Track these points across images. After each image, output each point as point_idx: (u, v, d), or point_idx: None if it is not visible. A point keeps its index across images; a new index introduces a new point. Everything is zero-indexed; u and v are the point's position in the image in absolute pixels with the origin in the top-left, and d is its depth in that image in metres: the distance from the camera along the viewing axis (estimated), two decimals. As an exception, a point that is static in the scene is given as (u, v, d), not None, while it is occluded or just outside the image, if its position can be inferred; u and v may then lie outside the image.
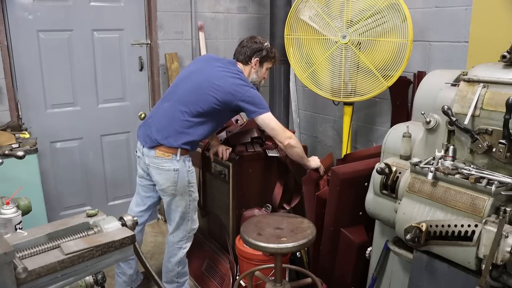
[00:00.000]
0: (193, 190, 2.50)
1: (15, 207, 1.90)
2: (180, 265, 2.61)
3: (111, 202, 3.75)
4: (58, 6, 3.21)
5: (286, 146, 2.46)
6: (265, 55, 2.57)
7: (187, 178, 2.44)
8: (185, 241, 2.58)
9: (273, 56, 2.63)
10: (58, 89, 3.32)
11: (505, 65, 1.66)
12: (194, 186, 2.51)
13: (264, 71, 2.62)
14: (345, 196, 2.34)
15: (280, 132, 2.44)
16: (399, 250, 1.92)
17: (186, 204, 2.49)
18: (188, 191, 2.46)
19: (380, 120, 3.36)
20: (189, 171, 2.45)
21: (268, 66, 2.63)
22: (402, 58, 2.66)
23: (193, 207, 2.53)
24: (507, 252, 1.41)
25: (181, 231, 2.55)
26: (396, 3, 2.64)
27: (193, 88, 2.41)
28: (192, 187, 2.49)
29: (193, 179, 2.50)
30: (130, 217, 1.31)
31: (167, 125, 2.40)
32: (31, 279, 1.04)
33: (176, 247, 2.58)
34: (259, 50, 2.56)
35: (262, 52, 2.56)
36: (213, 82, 2.37)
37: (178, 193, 2.45)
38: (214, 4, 3.81)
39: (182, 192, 2.45)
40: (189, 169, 2.45)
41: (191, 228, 2.57)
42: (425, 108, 1.90)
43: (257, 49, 2.56)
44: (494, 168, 1.63)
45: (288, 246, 2.00)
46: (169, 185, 2.42)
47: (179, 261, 2.59)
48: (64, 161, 3.44)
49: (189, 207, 2.51)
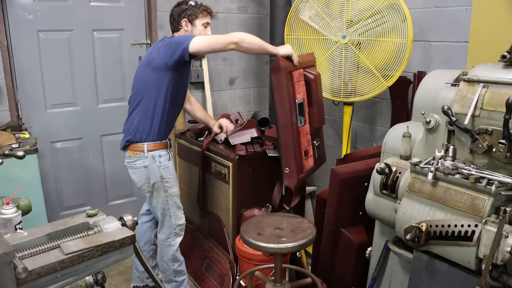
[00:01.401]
0: (168, 185, 2.47)
1: (15, 207, 1.90)
2: (174, 263, 2.60)
3: (111, 202, 3.75)
4: (58, 6, 3.21)
5: (238, 44, 2.24)
6: (191, 12, 2.46)
7: (160, 174, 2.43)
8: (173, 237, 2.56)
9: (202, 9, 2.48)
10: (58, 89, 3.32)
11: (505, 65, 1.66)
12: (170, 181, 2.47)
13: (201, 28, 2.48)
14: (345, 196, 2.34)
15: (220, 40, 2.26)
16: (399, 250, 1.92)
17: (163, 200, 2.49)
18: (162, 186, 2.46)
19: (380, 120, 3.36)
20: (160, 167, 2.43)
21: (203, 22, 2.48)
22: (402, 58, 2.66)
23: (172, 202, 2.50)
24: (507, 252, 1.41)
25: (166, 228, 2.55)
26: (396, 3, 2.64)
27: (134, 80, 2.47)
28: (168, 182, 2.46)
29: (168, 175, 2.46)
30: (130, 217, 1.31)
31: (128, 124, 2.47)
32: (31, 279, 1.04)
33: (165, 245, 2.58)
34: (183, 11, 2.46)
35: (187, 11, 2.46)
36: (142, 62, 2.44)
37: (154, 189, 2.47)
38: (214, 4, 3.81)
39: (157, 188, 2.46)
40: (161, 164, 2.43)
41: (176, 224, 2.54)
42: (425, 108, 1.90)
43: (181, 10, 2.47)
44: (494, 168, 1.63)
45: (288, 246, 2.00)
46: (143, 183, 2.46)
47: (172, 258, 2.59)
48: (64, 161, 3.44)
49: (168, 203, 2.50)
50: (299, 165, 2.46)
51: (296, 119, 2.41)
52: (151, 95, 2.38)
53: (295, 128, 2.41)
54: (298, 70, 2.47)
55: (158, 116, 2.39)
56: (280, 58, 2.37)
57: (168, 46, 2.29)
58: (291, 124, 2.39)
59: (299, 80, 2.48)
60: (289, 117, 2.39)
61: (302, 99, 2.47)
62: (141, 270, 2.75)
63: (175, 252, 2.59)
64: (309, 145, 2.58)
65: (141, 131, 2.40)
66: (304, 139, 2.51)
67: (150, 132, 2.40)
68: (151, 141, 2.41)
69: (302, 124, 2.48)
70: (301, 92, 2.48)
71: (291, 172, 2.44)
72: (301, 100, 2.47)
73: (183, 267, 2.66)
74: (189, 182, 3.16)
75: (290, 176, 2.45)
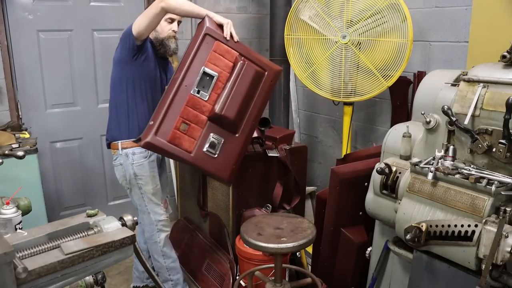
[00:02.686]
0: (142, 183, 2.47)
1: (15, 207, 1.90)
2: (165, 259, 2.60)
3: (111, 202, 3.75)
4: (58, 6, 3.22)
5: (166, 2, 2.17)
6: None
7: (133, 171, 2.44)
8: (157, 234, 2.56)
9: None
10: (58, 89, 3.32)
11: (505, 65, 1.66)
12: (144, 179, 2.47)
13: (164, 24, 2.39)
14: (345, 196, 2.34)
15: (151, 7, 2.22)
16: (399, 250, 1.92)
17: (138, 197, 2.51)
18: (136, 184, 2.47)
19: (380, 120, 3.36)
20: (133, 164, 2.44)
21: (166, 17, 2.38)
22: (402, 58, 2.66)
23: (148, 200, 2.50)
24: (507, 252, 1.41)
25: (148, 226, 2.55)
26: (396, 3, 2.64)
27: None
28: (141, 180, 2.47)
29: (142, 172, 2.45)
30: (130, 217, 1.32)
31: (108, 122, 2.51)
32: (31, 279, 1.05)
33: (151, 242, 2.59)
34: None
35: None
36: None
37: (130, 186, 2.50)
38: (214, 4, 3.81)
39: (133, 186, 2.49)
40: (134, 162, 2.43)
41: (156, 220, 2.53)
42: (425, 108, 1.90)
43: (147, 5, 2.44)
44: (494, 168, 1.63)
45: (288, 246, 2.00)
46: (122, 180, 2.52)
47: (162, 254, 2.59)
48: (64, 161, 3.44)
49: (143, 200, 2.50)
50: (164, 126, 2.20)
51: (192, 83, 2.24)
52: (115, 93, 2.42)
53: (184, 89, 2.23)
54: (227, 47, 2.32)
55: (125, 112, 2.41)
56: (210, 20, 2.30)
57: (121, 39, 2.33)
58: (180, 81, 2.24)
59: (223, 56, 2.31)
60: (183, 75, 2.24)
61: (216, 74, 2.28)
62: (141, 270, 2.76)
63: (163, 247, 2.58)
64: (197, 125, 2.27)
65: (113, 129, 2.47)
66: (192, 112, 2.26)
67: (121, 130, 2.43)
68: (126, 138, 2.43)
69: (199, 96, 2.25)
70: (218, 67, 2.30)
71: (151, 127, 2.19)
72: (214, 74, 2.27)
73: (176, 264, 2.66)
74: (190, 182, 3.16)
75: (148, 131, 2.19)
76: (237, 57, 2.33)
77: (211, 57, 2.29)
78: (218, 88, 2.30)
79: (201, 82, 2.26)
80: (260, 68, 2.40)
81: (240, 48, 2.37)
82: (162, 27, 2.41)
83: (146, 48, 2.38)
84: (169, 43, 2.45)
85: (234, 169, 2.38)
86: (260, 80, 2.41)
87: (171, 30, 2.44)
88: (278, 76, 2.53)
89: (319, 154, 4.03)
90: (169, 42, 2.44)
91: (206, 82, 2.28)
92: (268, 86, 2.44)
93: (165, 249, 2.59)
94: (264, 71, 2.42)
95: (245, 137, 2.40)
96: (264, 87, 2.43)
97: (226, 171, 2.35)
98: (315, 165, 4.07)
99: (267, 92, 2.45)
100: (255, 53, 2.46)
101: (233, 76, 2.31)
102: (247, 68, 2.34)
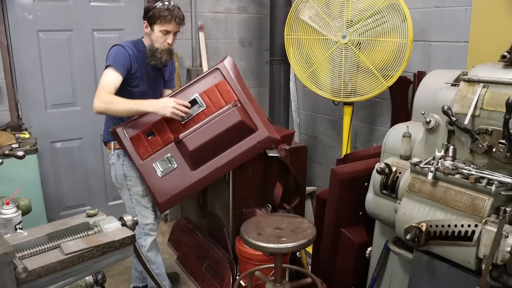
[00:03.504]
0: (131, 184, 2.46)
1: (15, 207, 1.90)
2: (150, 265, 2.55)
3: (111, 202, 3.74)
4: (58, 6, 3.21)
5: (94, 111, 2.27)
6: (151, 15, 2.29)
7: (123, 172, 2.45)
8: (143, 237, 2.53)
9: (160, 15, 2.26)
10: (58, 89, 3.32)
11: (505, 65, 1.66)
12: (133, 180, 2.45)
13: (159, 34, 2.31)
14: (345, 196, 2.34)
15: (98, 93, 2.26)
16: (399, 250, 1.92)
17: (127, 198, 2.51)
18: (126, 184, 2.47)
19: (380, 120, 3.36)
20: (124, 165, 2.43)
21: (161, 29, 2.29)
22: (402, 58, 2.66)
23: (136, 201, 2.49)
24: (507, 252, 1.41)
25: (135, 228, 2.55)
26: (396, 3, 2.64)
27: None
28: (131, 181, 2.45)
29: (132, 174, 2.43)
30: (130, 217, 1.32)
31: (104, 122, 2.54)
32: (31, 279, 1.05)
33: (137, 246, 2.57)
34: (146, 12, 2.32)
35: (148, 13, 2.30)
36: None
37: (120, 186, 2.51)
38: (214, 4, 3.82)
39: (122, 186, 2.50)
40: (124, 163, 2.43)
41: (143, 223, 2.50)
42: (425, 108, 1.90)
43: (146, 9, 2.32)
44: (494, 168, 1.63)
45: (288, 246, 2.00)
46: (114, 179, 2.53)
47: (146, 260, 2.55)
48: (64, 161, 3.44)
49: (132, 202, 2.50)
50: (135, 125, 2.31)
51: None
52: None
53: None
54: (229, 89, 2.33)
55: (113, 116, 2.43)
56: (230, 60, 2.38)
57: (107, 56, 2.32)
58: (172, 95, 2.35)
59: (221, 94, 2.31)
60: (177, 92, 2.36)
61: (204, 106, 2.31)
62: (140, 270, 2.75)
63: (147, 252, 2.53)
64: (161, 140, 2.32)
65: (106, 130, 2.50)
66: (164, 127, 2.32)
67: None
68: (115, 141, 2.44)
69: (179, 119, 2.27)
70: (210, 101, 2.32)
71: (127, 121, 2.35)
72: (202, 104, 2.30)
73: (161, 271, 2.62)
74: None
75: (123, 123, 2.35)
76: (234, 101, 2.31)
77: (209, 90, 2.34)
78: (198, 119, 2.31)
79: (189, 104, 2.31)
80: (250, 123, 2.31)
81: (242, 97, 2.33)
82: (157, 38, 2.33)
83: (126, 72, 2.32)
84: (161, 55, 2.35)
85: (172, 200, 2.35)
86: (243, 134, 2.31)
87: (165, 42, 2.34)
88: (269, 143, 2.42)
89: (319, 154, 4.03)
90: (161, 54, 2.35)
91: (192, 108, 2.32)
92: (252, 146, 2.32)
93: (150, 254, 2.55)
94: (254, 129, 2.32)
95: (200, 179, 2.32)
96: (247, 144, 2.32)
97: (163, 196, 2.33)
98: (315, 165, 4.07)
99: (248, 151, 2.33)
100: (258, 109, 2.36)
101: (214, 114, 2.30)
102: (231, 115, 2.27)
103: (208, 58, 3.81)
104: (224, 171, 2.40)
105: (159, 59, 2.35)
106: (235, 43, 4.02)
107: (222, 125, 2.27)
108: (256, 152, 2.41)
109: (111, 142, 2.46)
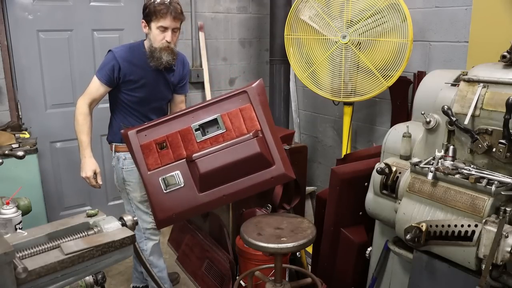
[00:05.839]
0: (130, 189, 2.44)
1: (15, 207, 1.90)
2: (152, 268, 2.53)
3: (111, 202, 3.74)
4: (58, 6, 3.22)
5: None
6: (148, 12, 2.23)
7: (122, 176, 2.43)
8: (144, 242, 2.51)
9: (155, 10, 2.19)
10: (58, 89, 3.32)
11: (505, 65, 1.66)
12: (132, 185, 2.42)
13: (156, 32, 2.24)
14: (345, 196, 2.34)
15: (81, 97, 2.32)
16: (399, 250, 1.92)
17: (127, 202, 2.50)
18: (125, 188, 2.46)
19: (380, 120, 3.36)
20: (123, 169, 2.41)
21: (157, 25, 2.22)
22: (402, 58, 2.66)
23: (135, 206, 2.47)
24: (507, 252, 1.41)
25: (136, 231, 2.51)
26: (396, 3, 2.64)
27: None
28: (129, 186, 2.43)
29: (131, 178, 2.40)
30: (130, 217, 1.32)
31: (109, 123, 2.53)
32: (31, 279, 1.04)
33: None
34: (143, 11, 2.27)
35: (145, 10, 2.25)
36: None
37: (120, 189, 2.51)
38: (214, 4, 3.82)
39: (122, 189, 2.49)
40: (124, 167, 2.41)
41: (143, 228, 2.48)
42: (425, 108, 1.90)
43: (143, 10, 2.27)
44: (494, 168, 1.63)
45: (288, 246, 2.00)
46: (116, 181, 2.51)
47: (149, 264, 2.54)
48: (64, 161, 3.44)
49: (131, 206, 2.48)
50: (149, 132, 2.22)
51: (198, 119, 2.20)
52: (112, 98, 2.45)
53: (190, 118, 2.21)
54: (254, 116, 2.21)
55: (118, 119, 2.43)
56: (260, 84, 2.25)
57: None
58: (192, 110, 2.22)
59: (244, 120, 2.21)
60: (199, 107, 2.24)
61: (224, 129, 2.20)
62: (140, 271, 2.75)
63: (150, 256, 2.52)
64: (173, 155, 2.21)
65: (109, 131, 2.50)
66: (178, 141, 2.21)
67: (114, 132, 2.44)
68: (119, 142, 2.41)
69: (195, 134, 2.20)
70: (232, 125, 2.22)
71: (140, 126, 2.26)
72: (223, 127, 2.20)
73: (163, 274, 2.61)
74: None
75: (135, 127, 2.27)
76: (256, 130, 2.19)
77: (232, 112, 2.20)
78: (216, 141, 2.20)
79: (206, 125, 2.20)
80: (268, 156, 2.18)
81: (265, 127, 2.21)
82: (155, 36, 2.25)
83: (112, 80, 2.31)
84: (161, 55, 2.27)
85: (173, 218, 2.22)
86: (259, 167, 2.19)
87: (164, 40, 2.25)
88: (283, 180, 2.29)
89: (319, 154, 4.03)
90: (161, 54, 2.27)
91: (211, 128, 2.21)
92: (265, 180, 2.19)
93: (152, 258, 2.54)
94: (271, 164, 2.19)
95: (206, 203, 2.19)
96: (260, 177, 2.19)
97: (164, 212, 2.19)
98: (315, 165, 4.07)
99: (260, 184, 2.20)
100: (278, 142, 2.23)
101: (233, 140, 2.18)
102: (251, 145, 2.15)
103: (208, 58, 3.81)
104: (231, 200, 2.28)
105: (159, 59, 2.27)
106: (235, 43, 4.02)
107: (239, 153, 2.15)
108: (268, 186, 2.28)
109: (112, 144, 2.45)
